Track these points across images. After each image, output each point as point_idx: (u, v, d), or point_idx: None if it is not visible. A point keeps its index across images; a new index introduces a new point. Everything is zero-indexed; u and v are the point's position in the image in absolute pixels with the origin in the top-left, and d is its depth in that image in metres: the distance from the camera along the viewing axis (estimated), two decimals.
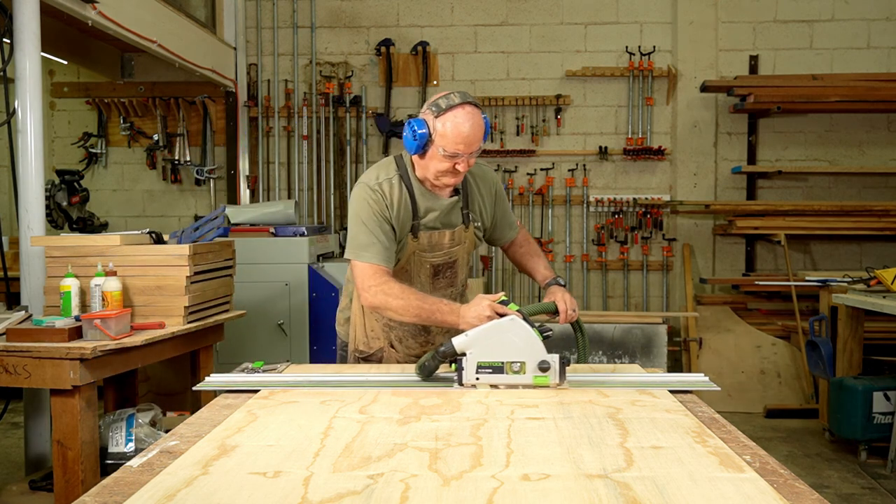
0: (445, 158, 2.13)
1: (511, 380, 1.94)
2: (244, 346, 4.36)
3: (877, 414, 4.08)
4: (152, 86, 5.93)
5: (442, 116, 2.12)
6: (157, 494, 1.21)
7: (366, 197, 2.20)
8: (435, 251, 2.29)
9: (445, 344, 1.97)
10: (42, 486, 2.98)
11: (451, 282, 2.36)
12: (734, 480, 1.27)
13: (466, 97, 2.14)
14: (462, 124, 2.10)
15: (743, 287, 5.72)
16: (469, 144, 2.11)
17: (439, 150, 2.13)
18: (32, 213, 3.17)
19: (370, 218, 2.19)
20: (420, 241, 2.26)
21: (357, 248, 2.20)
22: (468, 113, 2.11)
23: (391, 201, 2.21)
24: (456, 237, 2.32)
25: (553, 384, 1.95)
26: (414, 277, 2.31)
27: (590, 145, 5.86)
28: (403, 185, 2.24)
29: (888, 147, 5.84)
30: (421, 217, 2.25)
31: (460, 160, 2.13)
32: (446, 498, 1.18)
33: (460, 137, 2.10)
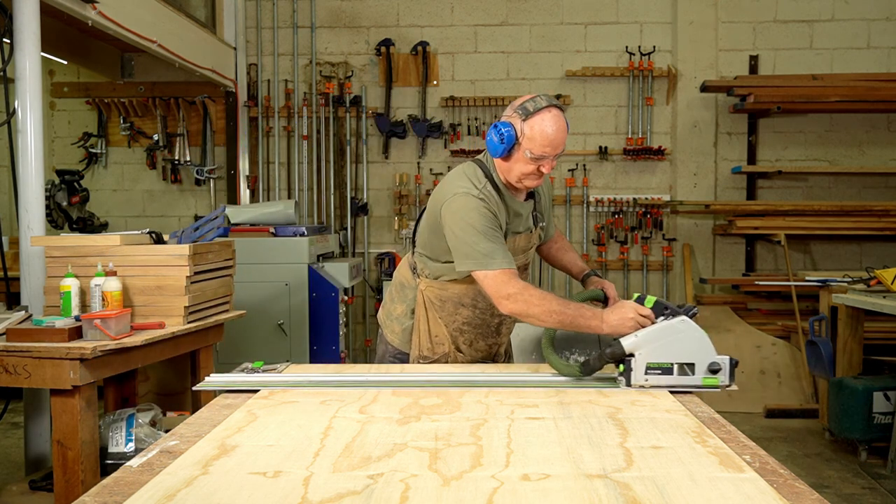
0: (531, 161, 2.17)
1: (680, 381, 1.92)
2: (244, 346, 4.36)
3: (877, 414, 4.08)
4: (152, 86, 5.93)
5: (530, 119, 2.15)
6: (157, 494, 1.21)
7: (476, 206, 2.18)
8: (517, 255, 2.31)
9: (613, 345, 1.96)
10: (42, 486, 2.98)
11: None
12: (734, 480, 1.27)
13: (552, 101, 2.19)
14: (549, 126, 2.14)
15: (743, 287, 5.72)
16: (555, 147, 2.16)
17: (526, 153, 2.16)
18: (32, 213, 3.17)
19: (485, 226, 2.17)
20: (508, 245, 2.27)
21: (481, 257, 2.16)
22: (555, 116, 2.16)
23: (497, 207, 2.23)
24: (532, 240, 2.39)
25: (723, 386, 1.93)
26: None
27: (590, 145, 5.86)
28: (495, 190, 2.26)
29: (888, 147, 5.84)
30: (509, 222, 2.29)
31: (545, 162, 2.17)
32: (446, 498, 1.18)
33: (547, 140, 2.14)
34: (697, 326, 1.94)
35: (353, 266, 4.93)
